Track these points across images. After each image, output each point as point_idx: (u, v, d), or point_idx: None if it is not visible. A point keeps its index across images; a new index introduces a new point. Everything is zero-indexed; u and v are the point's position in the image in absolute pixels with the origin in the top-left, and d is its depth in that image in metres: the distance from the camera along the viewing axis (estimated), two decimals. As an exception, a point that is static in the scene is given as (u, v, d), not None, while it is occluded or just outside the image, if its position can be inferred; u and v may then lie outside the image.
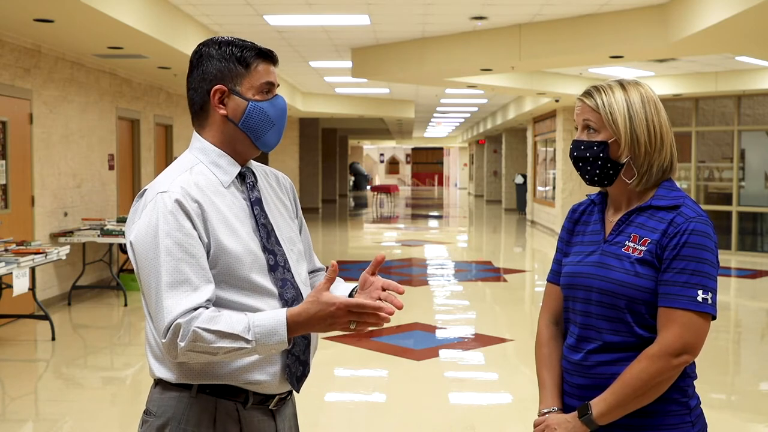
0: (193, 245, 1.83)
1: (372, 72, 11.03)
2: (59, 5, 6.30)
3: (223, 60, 1.96)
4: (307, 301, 1.80)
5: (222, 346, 1.77)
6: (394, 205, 29.71)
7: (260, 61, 1.98)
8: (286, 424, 2.05)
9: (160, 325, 1.79)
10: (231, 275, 1.89)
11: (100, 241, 8.73)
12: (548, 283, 2.21)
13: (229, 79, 1.96)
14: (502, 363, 6.53)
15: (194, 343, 1.76)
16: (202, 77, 1.97)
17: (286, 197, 2.16)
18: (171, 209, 1.84)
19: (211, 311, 1.80)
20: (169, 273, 1.80)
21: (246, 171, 2.03)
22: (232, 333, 1.77)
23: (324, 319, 1.78)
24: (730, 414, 5.37)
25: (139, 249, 1.85)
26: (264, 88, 1.98)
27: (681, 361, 1.89)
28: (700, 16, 7.18)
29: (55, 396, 5.65)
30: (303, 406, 2.51)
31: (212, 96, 1.96)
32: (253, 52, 1.97)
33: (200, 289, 1.81)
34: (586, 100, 2.03)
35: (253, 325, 1.78)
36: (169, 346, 1.79)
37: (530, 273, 12.13)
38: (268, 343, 1.78)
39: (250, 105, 1.96)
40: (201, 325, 1.76)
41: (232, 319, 1.79)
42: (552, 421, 2.01)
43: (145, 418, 1.96)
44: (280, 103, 2.01)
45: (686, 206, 1.96)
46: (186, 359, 1.82)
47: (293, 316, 1.79)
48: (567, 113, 16.73)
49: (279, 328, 1.78)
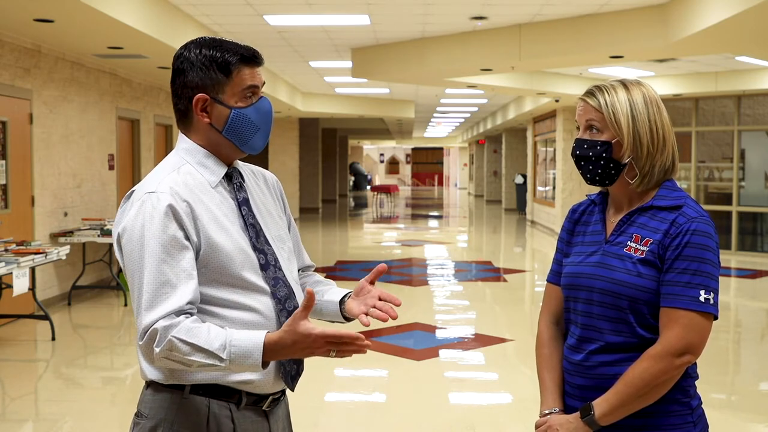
0: (177, 247, 1.81)
1: (372, 72, 11.03)
2: (59, 5, 6.30)
3: (204, 68, 1.90)
4: (284, 329, 1.76)
5: (195, 360, 1.75)
6: (394, 205, 29.70)
7: (242, 66, 1.92)
8: (279, 425, 2.03)
9: (139, 327, 1.78)
10: (223, 273, 1.87)
11: (100, 241, 8.73)
12: (548, 283, 2.21)
13: (211, 87, 1.91)
14: (502, 363, 6.53)
15: (169, 352, 1.75)
16: (183, 84, 1.93)
17: (274, 196, 2.14)
18: (158, 210, 1.82)
19: (192, 321, 1.78)
20: (151, 274, 1.79)
21: (233, 171, 2.01)
22: (206, 349, 1.75)
23: (302, 349, 1.76)
24: (730, 414, 5.37)
25: (125, 249, 1.85)
26: (248, 93, 1.94)
27: (683, 361, 1.89)
28: (700, 16, 7.18)
29: (55, 396, 5.64)
30: (303, 406, 2.51)
31: (194, 104, 1.92)
32: (235, 58, 1.91)
33: (181, 291, 1.79)
34: (588, 100, 2.02)
35: (230, 344, 1.75)
36: (145, 349, 1.78)
37: (530, 273, 12.13)
38: (242, 364, 1.76)
39: (233, 113, 1.92)
40: (178, 335, 1.74)
41: (211, 334, 1.76)
42: (554, 422, 2.00)
43: (137, 420, 1.93)
44: (264, 107, 1.96)
45: (688, 206, 1.96)
46: (163, 365, 1.81)
47: (270, 343, 1.76)
48: (567, 113, 16.72)
49: (254, 351, 1.75)
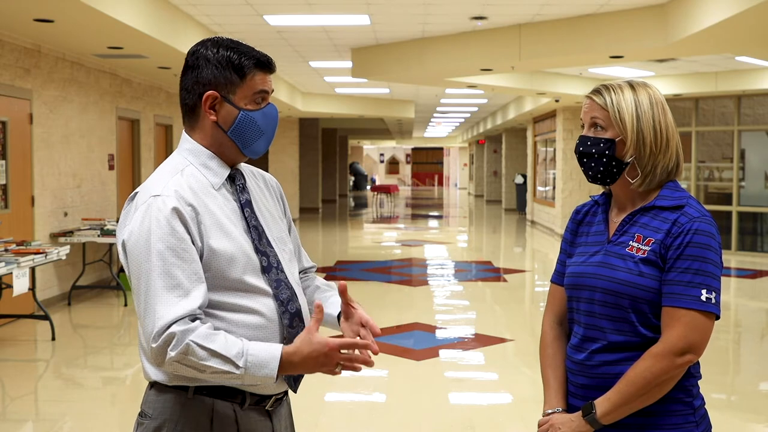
0: (186, 250, 1.82)
1: (372, 72, 11.03)
2: (59, 5, 6.29)
3: (219, 66, 1.92)
4: (300, 340, 1.82)
5: (211, 366, 1.76)
6: (394, 205, 29.70)
7: (257, 71, 1.93)
8: (282, 424, 2.04)
9: (150, 329, 1.77)
10: (224, 277, 1.88)
11: (100, 241, 8.73)
12: (552, 283, 2.21)
13: (223, 86, 1.92)
14: (502, 363, 6.53)
15: (185, 356, 1.75)
16: (195, 80, 1.94)
17: (274, 197, 2.15)
18: (164, 213, 1.82)
19: (208, 327, 1.79)
20: (161, 277, 1.79)
21: (235, 173, 2.01)
22: (224, 355, 1.76)
23: (316, 358, 1.81)
24: (730, 414, 5.37)
25: (131, 252, 1.84)
26: (258, 98, 1.95)
27: (685, 360, 1.89)
28: (700, 16, 7.18)
29: (55, 396, 5.64)
30: (303, 406, 2.51)
31: (204, 101, 1.93)
32: (251, 62, 1.93)
33: (192, 294, 1.80)
34: (595, 97, 2.03)
35: (247, 352, 1.78)
36: (158, 353, 1.77)
37: (530, 273, 12.13)
38: (256, 375, 1.79)
39: (241, 114, 1.93)
40: (196, 340, 1.75)
41: (228, 341, 1.78)
42: (556, 421, 2.01)
43: (141, 420, 1.94)
44: (271, 113, 1.98)
45: (690, 206, 1.96)
46: (171, 369, 1.81)
47: (288, 354, 1.80)
48: (567, 113, 16.72)
49: (271, 362, 1.79)
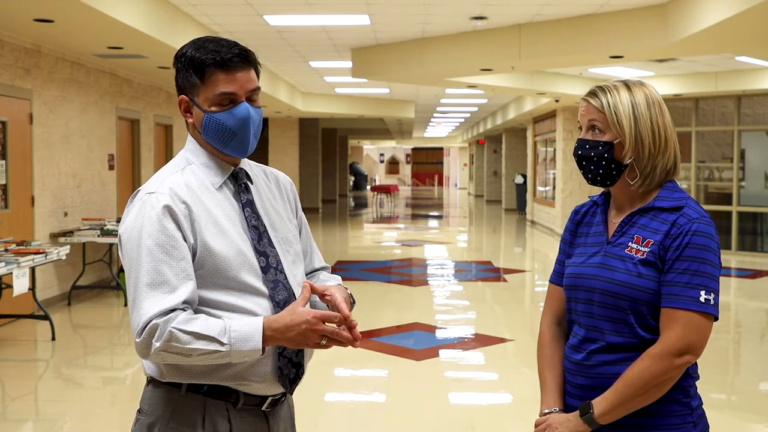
0: (175, 247, 1.84)
1: (372, 72, 11.03)
2: (59, 5, 6.30)
3: (184, 69, 1.94)
4: (284, 310, 1.83)
5: (197, 348, 1.78)
6: (394, 205, 29.70)
7: (216, 71, 1.90)
8: (281, 426, 2.03)
9: (136, 324, 1.81)
10: (219, 276, 1.88)
11: (100, 241, 8.73)
12: (551, 284, 2.21)
13: (190, 89, 1.95)
14: (502, 363, 6.53)
15: (169, 343, 1.77)
16: (177, 83, 1.99)
17: (285, 198, 2.14)
18: (156, 211, 1.85)
19: (188, 314, 1.81)
20: (149, 274, 1.81)
21: (239, 171, 2.01)
22: (207, 335, 1.78)
23: (299, 326, 1.79)
24: (730, 414, 5.37)
25: (125, 247, 1.88)
26: (218, 100, 1.92)
27: (683, 361, 1.89)
28: (700, 16, 7.18)
29: (55, 396, 5.64)
30: (303, 407, 2.51)
31: (179, 105, 1.98)
32: (208, 62, 1.90)
33: (178, 291, 1.81)
34: (591, 100, 2.03)
35: (230, 329, 1.79)
36: (143, 345, 1.80)
37: (530, 273, 12.13)
38: (242, 349, 1.79)
39: (205, 117, 1.94)
40: (177, 326, 1.77)
41: (209, 322, 1.80)
42: (553, 421, 2.00)
43: (138, 417, 1.97)
44: (240, 113, 1.92)
45: (689, 207, 1.96)
46: (159, 359, 1.83)
47: (270, 322, 1.81)
48: (567, 113, 16.72)
49: (255, 334, 1.79)
